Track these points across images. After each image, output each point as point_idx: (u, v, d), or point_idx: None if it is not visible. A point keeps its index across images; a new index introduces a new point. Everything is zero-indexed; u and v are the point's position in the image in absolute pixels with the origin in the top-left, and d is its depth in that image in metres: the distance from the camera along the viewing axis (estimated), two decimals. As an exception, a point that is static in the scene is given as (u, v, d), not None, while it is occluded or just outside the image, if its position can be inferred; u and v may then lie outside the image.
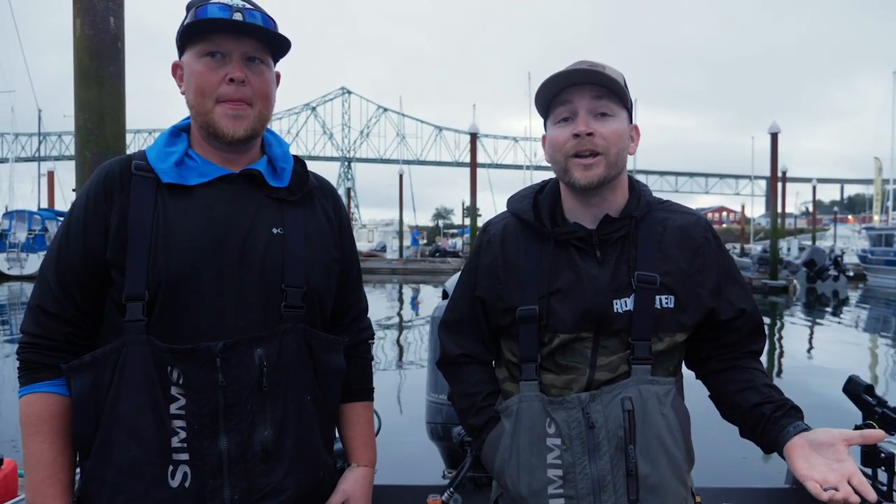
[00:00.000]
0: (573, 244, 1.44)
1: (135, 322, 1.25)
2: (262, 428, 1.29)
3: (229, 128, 1.33)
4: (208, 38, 1.32)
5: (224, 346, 1.26)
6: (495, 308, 1.49)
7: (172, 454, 1.24)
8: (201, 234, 1.30)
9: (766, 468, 5.39)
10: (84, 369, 1.27)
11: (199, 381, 1.25)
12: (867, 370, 9.59)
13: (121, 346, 1.25)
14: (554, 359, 1.43)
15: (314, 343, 1.39)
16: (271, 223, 1.36)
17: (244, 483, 1.27)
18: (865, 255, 31.27)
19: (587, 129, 1.38)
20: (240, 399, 1.27)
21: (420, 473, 2.70)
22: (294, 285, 1.35)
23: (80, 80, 3.32)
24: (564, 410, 1.39)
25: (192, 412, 1.25)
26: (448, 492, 2.16)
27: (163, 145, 1.38)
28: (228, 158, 1.38)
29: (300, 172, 1.45)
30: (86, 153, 3.31)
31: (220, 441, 1.26)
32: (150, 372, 1.24)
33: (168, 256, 1.27)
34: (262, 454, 1.29)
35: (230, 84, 1.32)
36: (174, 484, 1.24)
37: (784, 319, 16.54)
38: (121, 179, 1.33)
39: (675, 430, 1.41)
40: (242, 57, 1.34)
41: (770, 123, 24.05)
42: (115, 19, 3.30)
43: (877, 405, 1.71)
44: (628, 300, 1.40)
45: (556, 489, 1.39)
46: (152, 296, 1.26)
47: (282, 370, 1.32)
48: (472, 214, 28.32)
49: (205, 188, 1.34)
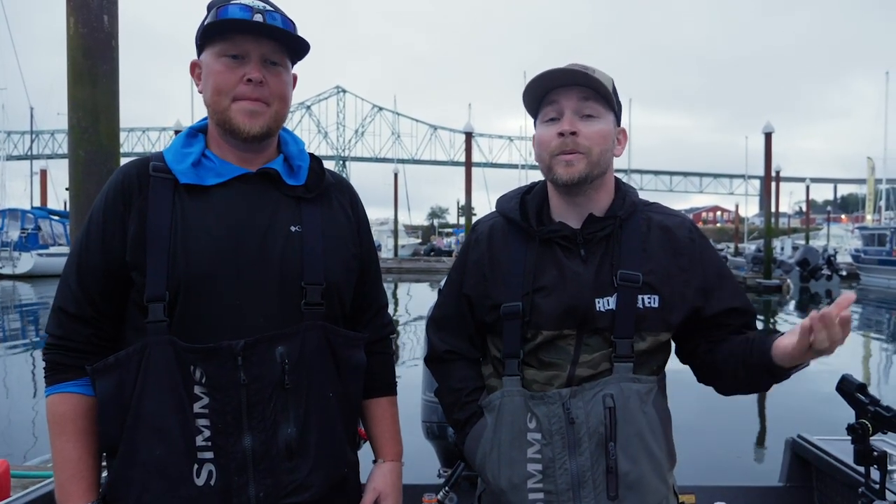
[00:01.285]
0: (558, 243, 1.47)
1: (156, 323, 1.27)
2: (286, 425, 1.30)
3: (245, 124, 1.33)
4: (228, 39, 1.33)
5: (245, 344, 1.26)
6: (481, 305, 1.52)
7: (197, 453, 1.25)
8: (220, 234, 1.31)
9: (760, 467, 5.42)
10: (108, 370, 1.29)
11: (221, 379, 1.26)
12: (860, 369, 9.63)
13: (144, 347, 1.27)
14: (537, 355, 1.45)
15: (335, 340, 1.39)
16: (289, 221, 1.37)
17: (269, 480, 1.29)
18: (858, 254, 31.40)
19: (571, 129, 1.42)
20: (262, 397, 1.28)
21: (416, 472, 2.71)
22: (313, 282, 1.35)
23: (74, 78, 3.31)
24: (545, 405, 1.41)
25: (215, 411, 1.26)
26: (443, 491, 2.17)
27: (180, 146, 1.38)
28: (245, 158, 1.39)
29: (316, 170, 1.46)
30: (79, 152, 3.30)
31: (244, 439, 1.27)
32: (173, 371, 1.25)
33: (187, 257, 1.28)
34: (287, 451, 1.30)
35: (248, 84, 1.33)
36: (199, 482, 1.25)
37: (778, 319, 16.59)
38: (139, 182, 1.34)
39: (656, 429, 1.43)
40: (261, 59, 1.34)
41: (764, 123, 24.13)
42: (110, 17, 3.28)
43: (869, 404, 1.71)
44: (611, 299, 1.42)
45: (535, 483, 1.41)
46: (173, 296, 1.27)
47: (303, 367, 1.32)
48: (466, 213, 28.32)
49: (222, 188, 1.35)
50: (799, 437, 2.46)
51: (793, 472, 2.46)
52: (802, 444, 2.42)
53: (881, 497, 1.71)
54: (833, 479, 2.25)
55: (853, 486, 1.97)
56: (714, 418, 6.78)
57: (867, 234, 31.85)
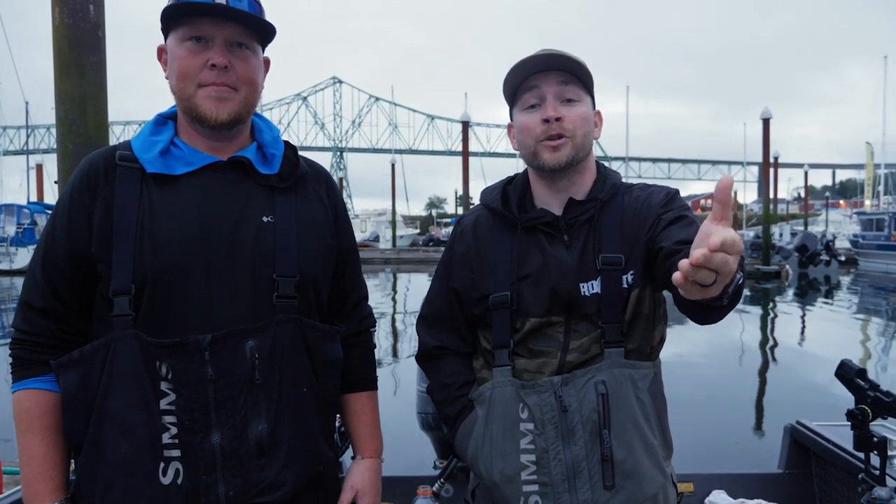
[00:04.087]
0: (541, 230, 1.46)
1: (122, 317, 1.23)
2: (257, 422, 1.26)
3: (212, 110, 1.28)
4: (190, 22, 1.28)
5: (213, 338, 1.23)
6: (469, 298, 1.51)
7: (164, 450, 1.21)
8: (188, 225, 1.27)
9: (759, 454, 5.41)
10: (72, 365, 1.25)
11: (187, 375, 1.22)
12: (859, 354, 9.64)
13: (109, 342, 1.23)
14: (527, 344, 1.44)
15: (309, 333, 1.35)
16: (261, 211, 1.33)
17: (238, 479, 1.25)
18: (857, 239, 31.40)
19: (556, 114, 1.41)
20: (231, 393, 1.24)
21: (411, 463, 2.69)
22: (286, 274, 1.31)
23: (61, 70, 3.25)
24: (536, 394, 1.39)
25: (182, 407, 1.22)
26: (439, 482, 2.15)
27: (147, 134, 1.34)
28: (215, 146, 1.34)
29: (291, 158, 1.42)
30: (67, 144, 3.25)
31: (212, 436, 1.23)
32: (138, 367, 1.21)
33: (154, 249, 1.24)
34: (257, 449, 1.26)
35: (212, 69, 1.28)
36: (166, 481, 1.21)
37: (777, 304, 16.62)
38: (105, 171, 1.30)
39: (651, 416, 1.40)
40: (226, 42, 1.29)
41: (762, 109, 24.07)
42: (95, 7, 3.23)
43: (869, 389, 1.70)
44: (595, 283, 1.41)
45: (529, 475, 1.38)
46: (139, 290, 1.23)
47: (275, 362, 1.28)
48: (464, 203, 28.29)
49: (191, 177, 1.30)
50: (798, 424, 2.45)
51: (792, 459, 2.45)
52: (801, 431, 2.40)
53: (881, 483, 1.69)
54: (832, 465, 2.23)
55: (853, 473, 1.96)
56: (712, 405, 6.79)
57: (866, 220, 31.85)
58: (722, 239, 0.93)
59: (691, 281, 0.97)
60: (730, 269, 0.95)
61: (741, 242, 0.95)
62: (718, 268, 0.94)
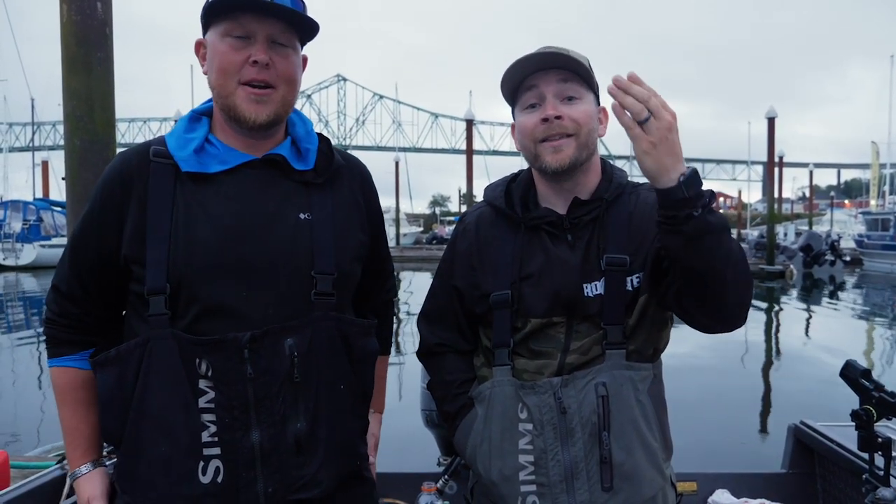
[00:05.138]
0: (545, 229, 1.44)
1: (158, 316, 1.23)
2: (295, 420, 1.26)
3: (251, 112, 1.27)
4: (233, 18, 1.26)
5: (252, 336, 1.22)
6: (471, 295, 1.50)
7: (203, 449, 1.22)
8: (224, 225, 1.26)
9: (763, 453, 5.41)
10: (109, 364, 1.27)
11: (227, 373, 1.22)
12: (864, 355, 9.61)
13: (146, 341, 1.24)
14: (527, 344, 1.43)
15: (348, 329, 1.35)
16: (298, 208, 1.32)
17: (278, 476, 1.26)
18: (862, 239, 31.29)
19: (556, 113, 1.38)
20: (270, 391, 1.24)
21: (415, 460, 2.70)
22: (324, 272, 1.31)
23: (68, 67, 3.26)
24: (536, 395, 1.38)
25: (221, 405, 1.22)
26: (443, 479, 2.16)
27: (182, 131, 1.33)
28: (251, 143, 1.33)
29: (325, 152, 1.40)
30: (75, 141, 3.26)
31: (252, 434, 1.23)
32: (176, 366, 1.22)
33: (189, 249, 1.24)
34: (296, 446, 1.26)
35: (254, 66, 1.26)
36: (206, 479, 1.22)
37: (781, 304, 16.57)
38: (139, 169, 1.29)
39: (651, 418, 1.40)
40: (268, 39, 1.28)
41: (767, 108, 23.98)
42: (103, 4, 3.23)
43: (874, 389, 1.69)
44: (598, 284, 1.39)
45: (527, 475, 1.38)
46: (174, 289, 1.24)
47: (313, 360, 1.28)
48: (468, 201, 28.28)
49: (227, 175, 1.30)
50: (801, 424, 2.44)
51: (795, 459, 2.44)
52: (805, 431, 2.40)
53: (885, 484, 1.69)
54: (836, 465, 2.23)
55: (857, 473, 1.95)
56: (715, 404, 6.78)
57: (871, 219, 31.72)
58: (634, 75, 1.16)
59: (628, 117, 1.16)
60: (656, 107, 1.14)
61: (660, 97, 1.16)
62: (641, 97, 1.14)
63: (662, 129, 1.15)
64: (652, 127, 1.15)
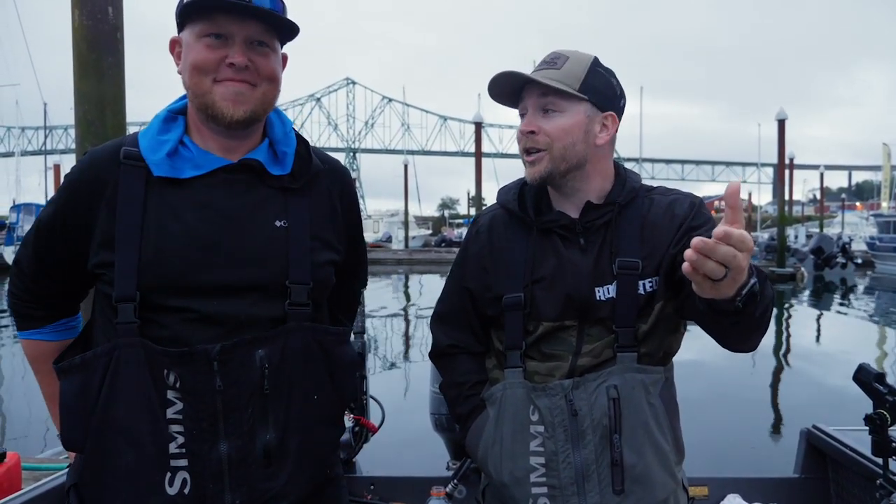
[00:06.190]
0: (557, 232, 1.44)
1: (127, 324, 1.19)
2: (264, 431, 1.23)
3: (229, 108, 1.22)
4: (210, 18, 1.21)
5: (222, 348, 1.19)
6: (483, 298, 1.50)
7: (170, 460, 1.19)
8: (196, 232, 1.22)
9: (774, 458, 5.37)
10: (73, 371, 1.23)
11: (196, 385, 1.19)
12: (877, 358, 9.54)
13: (113, 349, 1.20)
14: (539, 347, 1.43)
15: (324, 340, 1.32)
16: (274, 215, 1.28)
17: (245, 488, 1.22)
18: (873, 242, 31.01)
19: (528, 128, 1.41)
20: (239, 403, 1.21)
21: (424, 464, 2.69)
22: (300, 281, 1.27)
23: (80, 71, 3.30)
24: (547, 398, 1.39)
25: (189, 417, 1.19)
26: (452, 483, 2.15)
27: (156, 132, 1.27)
28: (227, 145, 1.28)
29: (303, 155, 1.34)
30: (86, 145, 3.28)
31: (219, 445, 1.20)
32: (144, 375, 1.18)
33: (160, 257, 1.20)
34: (265, 458, 1.23)
35: (230, 67, 1.22)
36: (172, 491, 1.19)
37: (792, 307, 16.46)
38: (109, 171, 1.24)
39: (663, 421, 1.40)
40: (246, 41, 1.23)
41: (777, 110, 23.85)
42: (114, 9, 3.26)
43: (888, 394, 1.68)
44: (611, 287, 1.39)
45: (538, 477, 1.38)
46: (144, 296, 1.20)
47: (285, 371, 1.25)
48: (477, 204, 28.26)
49: (200, 181, 1.25)
50: (814, 428, 2.42)
51: (808, 464, 2.42)
52: (818, 435, 2.38)
53: (900, 489, 1.67)
54: (850, 470, 2.21)
55: (871, 478, 1.93)
56: (727, 408, 6.74)
57: (882, 222, 31.44)
58: (726, 230, 0.97)
59: (701, 274, 1.01)
60: (739, 265, 1.00)
61: (751, 241, 0.99)
62: (725, 260, 0.99)
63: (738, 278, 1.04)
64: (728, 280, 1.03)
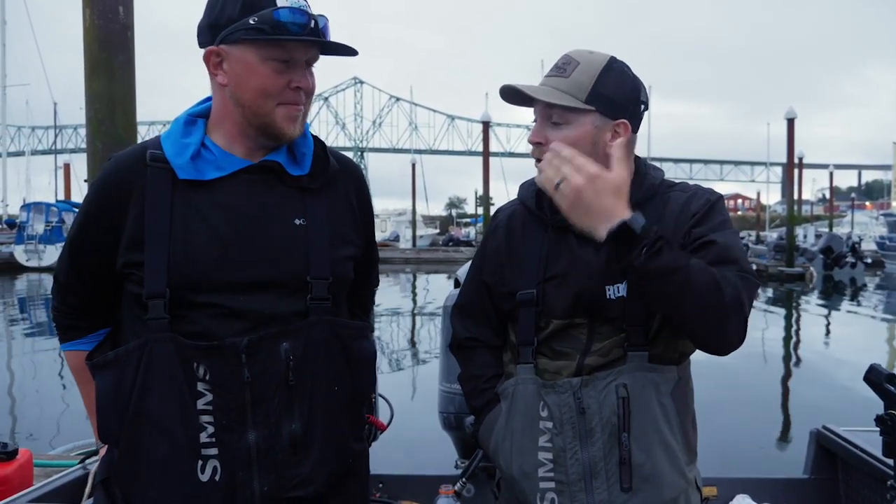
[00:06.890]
0: (572, 230, 1.43)
1: (157, 320, 1.26)
2: (290, 421, 1.29)
3: (290, 128, 1.32)
4: (280, 44, 1.27)
5: (249, 341, 1.25)
6: (499, 293, 1.52)
7: (202, 449, 1.25)
8: (221, 231, 1.29)
9: (784, 458, 5.35)
10: (107, 367, 1.30)
11: (225, 377, 1.25)
12: (888, 358, 9.47)
13: (144, 344, 1.26)
14: (550, 344, 1.44)
15: (343, 333, 1.38)
16: (294, 214, 1.34)
17: (273, 475, 1.28)
18: (883, 241, 30.79)
19: (534, 140, 1.43)
20: (266, 394, 1.27)
21: (433, 462, 2.70)
22: (320, 277, 1.33)
23: (91, 70, 3.31)
24: (556, 394, 1.40)
25: (219, 407, 1.25)
26: (461, 482, 2.16)
27: (178, 136, 1.33)
28: (252, 149, 1.35)
29: (321, 156, 1.41)
30: (97, 144, 3.31)
31: (248, 435, 1.26)
32: (175, 369, 1.24)
33: (188, 255, 1.27)
34: (291, 447, 1.29)
35: (296, 91, 1.30)
36: (204, 478, 1.25)
37: (801, 306, 16.38)
38: (136, 173, 1.31)
39: (673, 420, 1.39)
40: (306, 64, 1.32)
41: (786, 109, 23.71)
42: (125, 9, 3.28)
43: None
44: (621, 286, 1.39)
45: (546, 472, 1.40)
46: (174, 293, 1.26)
47: (308, 363, 1.31)
48: (484, 203, 28.26)
49: (223, 182, 1.32)
50: (824, 429, 2.41)
51: (818, 465, 2.41)
52: (828, 436, 2.37)
53: (911, 490, 1.66)
54: (860, 471, 2.20)
55: (881, 479, 1.92)
56: (737, 408, 6.71)
57: (892, 221, 31.23)
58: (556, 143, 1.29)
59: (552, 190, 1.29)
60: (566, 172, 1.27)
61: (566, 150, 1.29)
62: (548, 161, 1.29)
63: (571, 192, 1.26)
64: (564, 190, 1.27)
